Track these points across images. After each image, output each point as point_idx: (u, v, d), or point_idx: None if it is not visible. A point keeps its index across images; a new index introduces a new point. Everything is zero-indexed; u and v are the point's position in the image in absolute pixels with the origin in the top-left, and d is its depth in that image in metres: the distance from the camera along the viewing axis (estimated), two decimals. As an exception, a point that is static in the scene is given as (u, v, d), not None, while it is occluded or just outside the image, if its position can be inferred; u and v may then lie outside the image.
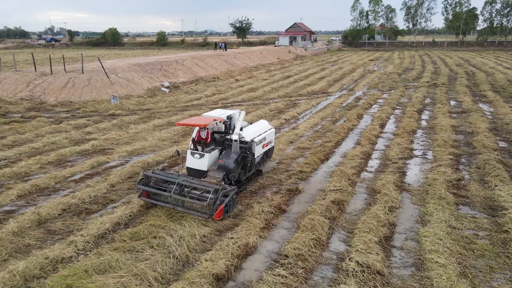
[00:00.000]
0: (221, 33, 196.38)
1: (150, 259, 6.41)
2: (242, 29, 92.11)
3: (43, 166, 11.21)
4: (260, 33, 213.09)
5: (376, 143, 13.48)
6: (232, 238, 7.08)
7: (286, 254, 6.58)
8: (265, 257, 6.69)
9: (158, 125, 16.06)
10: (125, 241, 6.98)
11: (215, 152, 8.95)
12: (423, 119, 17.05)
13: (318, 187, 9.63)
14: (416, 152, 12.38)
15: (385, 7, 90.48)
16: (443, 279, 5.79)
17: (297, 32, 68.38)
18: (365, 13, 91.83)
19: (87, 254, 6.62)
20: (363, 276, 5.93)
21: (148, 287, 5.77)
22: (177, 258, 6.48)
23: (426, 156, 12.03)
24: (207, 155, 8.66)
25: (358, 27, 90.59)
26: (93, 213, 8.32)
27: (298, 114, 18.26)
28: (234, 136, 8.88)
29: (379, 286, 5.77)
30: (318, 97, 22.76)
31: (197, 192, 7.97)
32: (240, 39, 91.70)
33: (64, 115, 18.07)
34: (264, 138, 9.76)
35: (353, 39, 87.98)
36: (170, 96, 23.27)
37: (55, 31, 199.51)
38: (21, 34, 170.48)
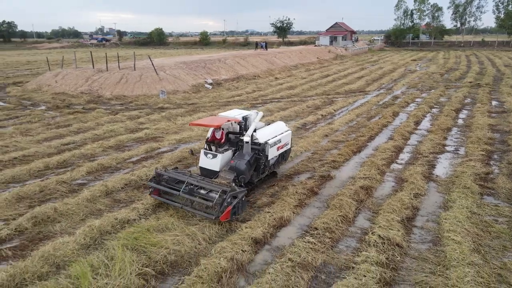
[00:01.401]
0: (262, 33, 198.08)
1: (199, 225, 7.59)
2: (282, 29, 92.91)
3: (105, 150, 12.83)
4: (300, 33, 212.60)
5: (409, 138, 13.96)
6: (268, 212, 8.10)
7: (316, 227, 7.50)
8: (297, 229, 7.66)
9: (202, 118, 17.40)
10: (178, 211, 8.20)
11: (228, 153, 8.89)
12: (460, 118, 17.16)
13: (349, 174, 10.43)
14: (448, 148, 12.77)
15: (431, 6, 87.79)
16: (457, 253, 6.47)
17: (337, 32, 68.18)
18: (409, 12, 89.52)
19: (148, 218, 7.92)
20: (383, 246, 6.74)
21: (198, 244, 6.93)
22: (222, 225, 7.61)
23: (457, 151, 12.41)
24: (219, 156, 8.63)
25: (401, 27, 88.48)
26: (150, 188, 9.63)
27: (334, 110, 18.95)
28: (246, 138, 8.69)
29: (396, 255, 6.56)
30: (355, 96, 23.25)
31: (203, 192, 7.99)
32: (280, 39, 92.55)
33: (119, 108, 19.95)
34: (280, 140, 9.53)
35: (396, 38, 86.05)
36: (213, 92, 24.70)
37: (104, 31, 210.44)
38: (74, 34, 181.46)
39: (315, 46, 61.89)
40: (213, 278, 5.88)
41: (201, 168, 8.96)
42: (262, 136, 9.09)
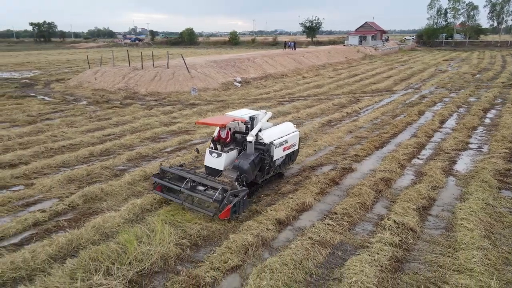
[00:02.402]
0: (291, 33, 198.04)
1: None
2: (311, 29, 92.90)
3: (142, 141, 13.90)
4: (330, 32, 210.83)
5: (433, 136, 14.22)
6: (292, 198, 8.79)
7: (335, 212, 8.12)
8: (317, 213, 8.30)
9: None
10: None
11: (233, 152, 8.91)
12: (487, 117, 17.14)
13: (370, 167, 10.94)
14: (471, 146, 12.97)
15: (466, 5, 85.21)
16: (467, 238, 6.92)
17: (367, 32, 67.58)
18: (443, 11, 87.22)
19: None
20: (397, 230, 7.27)
21: (227, 222, 7.71)
22: (247, 210, 8.36)
23: (481, 149, 12.60)
24: (224, 155, 8.65)
25: (435, 26, 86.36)
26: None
27: (359, 108, 19.33)
28: (249, 137, 8.65)
29: (409, 238, 7.08)
30: (381, 95, 23.45)
31: (203, 189, 8.14)
32: (309, 39, 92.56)
33: (153, 103, 21.15)
34: (286, 141, 9.48)
35: (428, 38, 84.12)
36: (242, 90, 25.57)
37: (137, 31, 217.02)
38: (109, 34, 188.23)
39: (344, 46, 61.69)
40: (240, 249, 6.65)
41: (206, 166, 9.02)
42: (268, 136, 9.08)
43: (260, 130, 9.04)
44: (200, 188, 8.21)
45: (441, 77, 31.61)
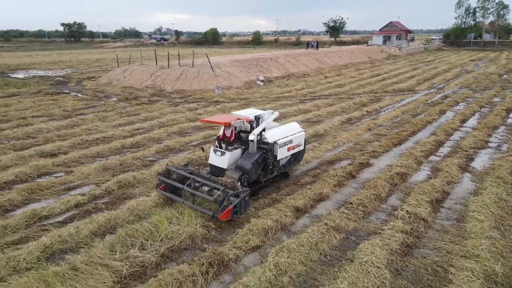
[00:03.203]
0: (314, 33, 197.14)
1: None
2: (335, 29, 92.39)
3: (169, 135, 14.72)
4: (354, 32, 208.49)
5: (452, 134, 14.38)
6: (310, 188, 9.31)
7: (351, 202, 8.60)
8: (334, 203, 8.80)
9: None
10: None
11: (237, 151, 8.93)
12: (510, 117, 17.07)
13: (387, 163, 11.31)
14: (490, 144, 13.10)
15: (496, 3, 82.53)
16: (477, 228, 7.27)
17: (391, 31, 66.81)
18: (472, 10, 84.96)
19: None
20: (409, 219, 7.69)
21: (249, 209, 8.32)
22: (267, 198, 8.95)
23: (500, 148, 12.72)
24: (227, 154, 8.69)
25: (462, 25, 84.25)
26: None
27: (380, 107, 19.57)
28: (251, 136, 8.67)
29: (421, 227, 7.49)
30: (403, 94, 23.53)
31: (206, 189, 8.20)
32: (332, 39, 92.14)
33: (179, 100, 22.04)
34: (291, 141, 9.51)
35: (456, 38, 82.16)
36: (264, 88, 26.17)
37: (162, 31, 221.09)
38: (135, 34, 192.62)
39: (368, 45, 61.26)
40: (261, 232, 7.25)
41: (210, 165, 9.09)
42: (272, 136, 9.12)
43: (264, 130, 9.08)
44: (205, 188, 8.21)
45: (466, 77, 31.21)
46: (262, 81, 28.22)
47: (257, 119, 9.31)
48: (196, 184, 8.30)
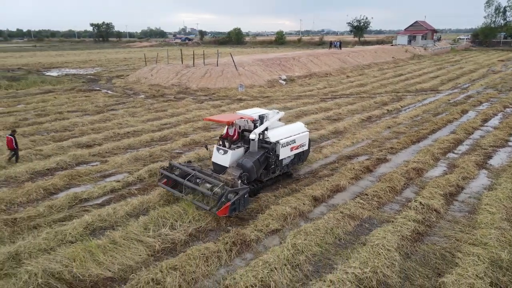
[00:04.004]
0: (338, 32, 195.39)
1: (271, 187, 9.60)
2: (359, 28, 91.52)
3: (195, 129, 15.49)
4: (379, 32, 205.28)
5: (472, 133, 14.49)
6: (328, 180, 9.81)
7: (366, 193, 9.05)
8: (350, 194, 9.27)
9: (276, 109, 19.43)
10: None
11: (240, 150, 9.02)
12: (534, 118, 16.94)
13: (404, 159, 11.65)
14: (510, 143, 13.16)
15: (528, 2, 79.63)
16: (487, 219, 7.59)
17: (417, 31, 65.78)
18: (502, 9, 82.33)
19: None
20: (422, 210, 8.08)
21: (269, 198, 8.90)
22: (286, 188, 9.51)
23: (520, 146, 12.79)
24: (230, 152, 8.78)
25: (492, 25, 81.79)
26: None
27: (401, 106, 19.73)
28: (252, 135, 8.73)
29: (433, 217, 7.88)
30: (426, 94, 23.52)
31: (208, 186, 8.23)
32: (356, 38, 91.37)
33: (203, 98, 22.86)
34: (294, 141, 9.53)
35: (485, 38, 79.86)
36: (286, 87, 26.68)
37: (187, 31, 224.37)
38: (160, 34, 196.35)
39: (392, 45, 60.61)
40: (280, 217, 7.83)
41: (213, 163, 9.26)
42: (274, 135, 9.18)
43: (266, 129, 9.13)
44: (207, 185, 8.26)
45: (493, 77, 30.68)
46: (284, 80, 28.73)
47: (261, 118, 9.35)
48: (197, 180, 8.43)
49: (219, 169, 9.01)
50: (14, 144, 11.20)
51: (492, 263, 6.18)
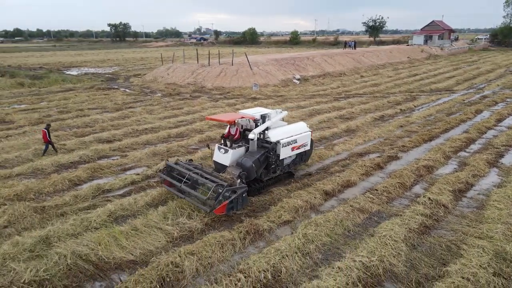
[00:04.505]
0: (354, 32, 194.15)
1: (283, 181, 9.95)
2: (375, 28, 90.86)
3: (210, 127, 15.94)
4: (396, 31, 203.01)
5: (485, 133, 14.53)
6: (339, 176, 10.10)
7: (376, 189, 9.31)
8: (360, 189, 9.55)
9: (290, 107, 19.74)
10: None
11: (241, 149, 9.07)
12: (550, 118, 16.82)
13: (415, 156, 11.84)
14: (524, 143, 13.19)
15: (550, 1, 77.75)
16: (495, 215, 7.78)
17: (433, 31, 65.03)
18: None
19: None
20: (430, 205, 8.31)
21: (282, 192, 9.25)
22: (298, 182, 9.85)
23: (533, 146, 12.81)
24: (230, 151, 8.85)
25: (511, 25, 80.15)
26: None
27: (414, 106, 19.80)
28: (251, 135, 8.77)
29: (441, 212, 8.10)
30: (440, 94, 23.47)
31: (208, 184, 8.07)
32: (371, 38, 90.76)
33: (218, 96, 23.34)
34: (295, 141, 9.54)
35: (504, 37, 78.32)
36: (300, 86, 26.95)
37: (202, 31, 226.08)
38: (176, 34, 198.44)
39: (408, 45, 60.12)
40: (292, 209, 8.18)
41: (214, 162, 9.39)
42: (275, 135, 9.21)
43: (267, 129, 9.19)
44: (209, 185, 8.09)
45: (510, 78, 30.28)
46: (298, 79, 29.00)
47: (263, 118, 9.41)
48: (195, 179, 8.36)
49: (220, 168, 9.10)
50: (48, 137, 11.90)
51: (496, 255, 6.40)
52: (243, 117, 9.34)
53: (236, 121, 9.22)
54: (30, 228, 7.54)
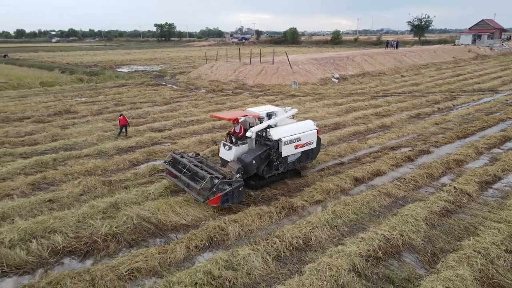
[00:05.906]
0: (398, 32, 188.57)
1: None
2: (420, 27, 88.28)
3: (251, 120, 17.09)
4: (444, 31, 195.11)
5: (523, 132, 14.55)
6: (369, 165, 10.86)
7: (404, 178, 9.99)
8: (389, 178, 10.26)
9: (327, 104, 20.48)
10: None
11: (244, 146, 9.31)
12: None
13: (446, 151, 12.28)
14: (562, 142, 13.16)
15: None
16: (517, 204, 8.26)
17: (482, 30, 62.42)
18: None
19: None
20: (455, 193, 8.90)
21: (314, 177, 10.18)
22: (331, 169, 10.72)
23: None
24: (234, 148, 9.13)
25: None
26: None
27: (453, 105, 19.84)
28: (248, 133, 8.91)
29: (464, 199, 8.68)
30: (482, 94, 23.15)
31: (204, 176, 8.38)
32: (416, 38, 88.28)
33: (259, 93, 24.49)
34: (299, 139, 9.54)
35: (562, 37, 73.51)
36: (338, 85, 27.50)
37: (243, 31, 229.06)
38: (218, 34, 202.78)
39: (454, 45, 58.24)
40: (323, 191, 9.11)
41: (220, 157, 9.85)
42: (277, 133, 9.27)
43: (269, 127, 9.33)
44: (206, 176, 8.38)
45: (562, 79, 29.00)
46: (337, 78, 29.53)
47: (270, 116, 9.62)
48: (195, 171, 8.80)
49: (225, 163, 9.44)
50: (126, 120, 14.31)
51: (510, 236, 6.98)
52: (247, 115, 9.52)
53: (239, 119, 9.42)
54: (101, 196, 9.02)
